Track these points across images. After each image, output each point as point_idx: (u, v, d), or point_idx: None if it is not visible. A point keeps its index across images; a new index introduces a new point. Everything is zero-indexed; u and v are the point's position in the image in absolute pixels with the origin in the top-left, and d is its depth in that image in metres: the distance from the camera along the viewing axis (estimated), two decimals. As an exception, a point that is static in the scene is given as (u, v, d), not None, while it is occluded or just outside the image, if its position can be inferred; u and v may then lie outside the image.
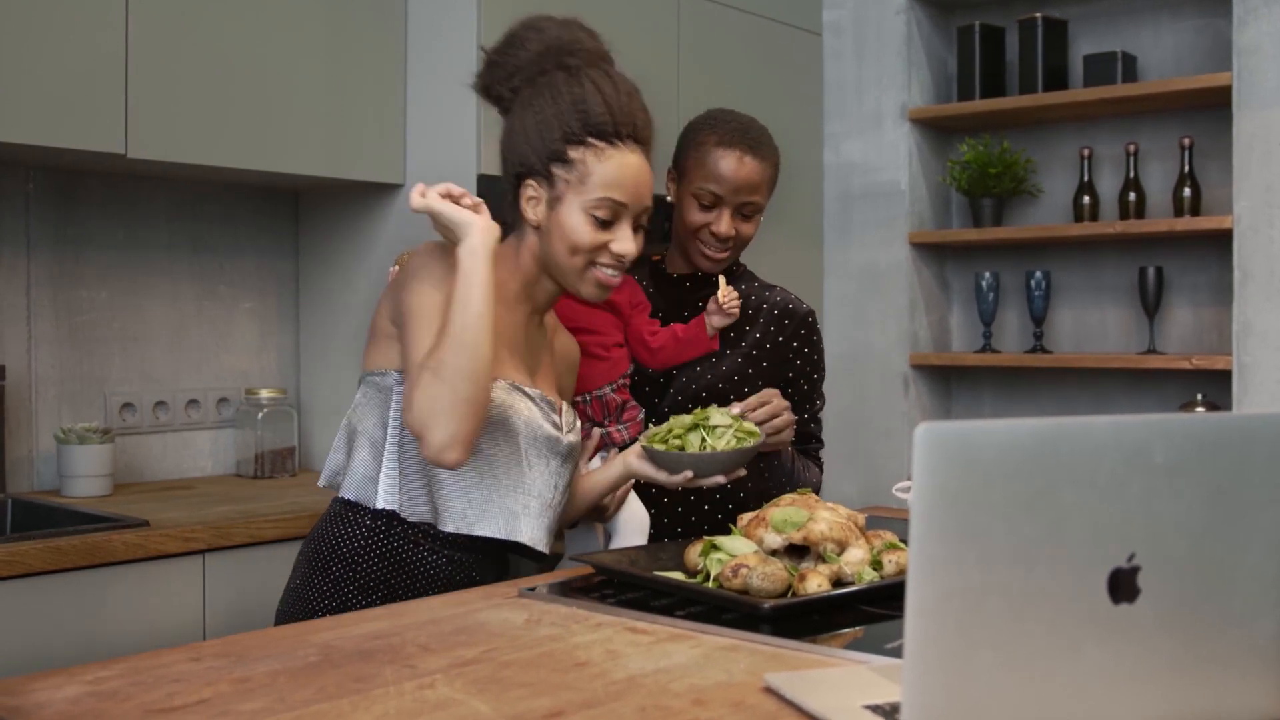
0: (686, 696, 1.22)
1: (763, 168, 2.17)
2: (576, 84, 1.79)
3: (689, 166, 2.19)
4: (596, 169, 1.76)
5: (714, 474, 1.86)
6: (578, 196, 1.76)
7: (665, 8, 3.29)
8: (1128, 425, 1.00)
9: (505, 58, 1.84)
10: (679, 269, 2.28)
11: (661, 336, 2.16)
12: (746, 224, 2.19)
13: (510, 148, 1.82)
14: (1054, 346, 3.77)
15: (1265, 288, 3.16)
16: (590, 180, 1.76)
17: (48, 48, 2.30)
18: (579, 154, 1.76)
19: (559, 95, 1.78)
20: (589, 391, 2.07)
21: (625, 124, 1.79)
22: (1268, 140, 3.15)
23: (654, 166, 1.86)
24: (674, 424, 1.87)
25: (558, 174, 1.77)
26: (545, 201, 1.79)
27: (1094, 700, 1.01)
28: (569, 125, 1.76)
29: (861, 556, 1.64)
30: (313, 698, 1.20)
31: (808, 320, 2.26)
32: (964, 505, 0.94)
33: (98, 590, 2.12)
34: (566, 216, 1.77)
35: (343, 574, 1.76)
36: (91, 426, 2.58)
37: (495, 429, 1.73)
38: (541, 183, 1.79)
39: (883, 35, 3.83)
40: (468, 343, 1.62)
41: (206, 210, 2.97)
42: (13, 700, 1.19)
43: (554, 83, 1.79)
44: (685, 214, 2.19)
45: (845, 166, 3.91)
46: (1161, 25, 3.61)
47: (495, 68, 1.85)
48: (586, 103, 1.77)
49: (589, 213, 1.76)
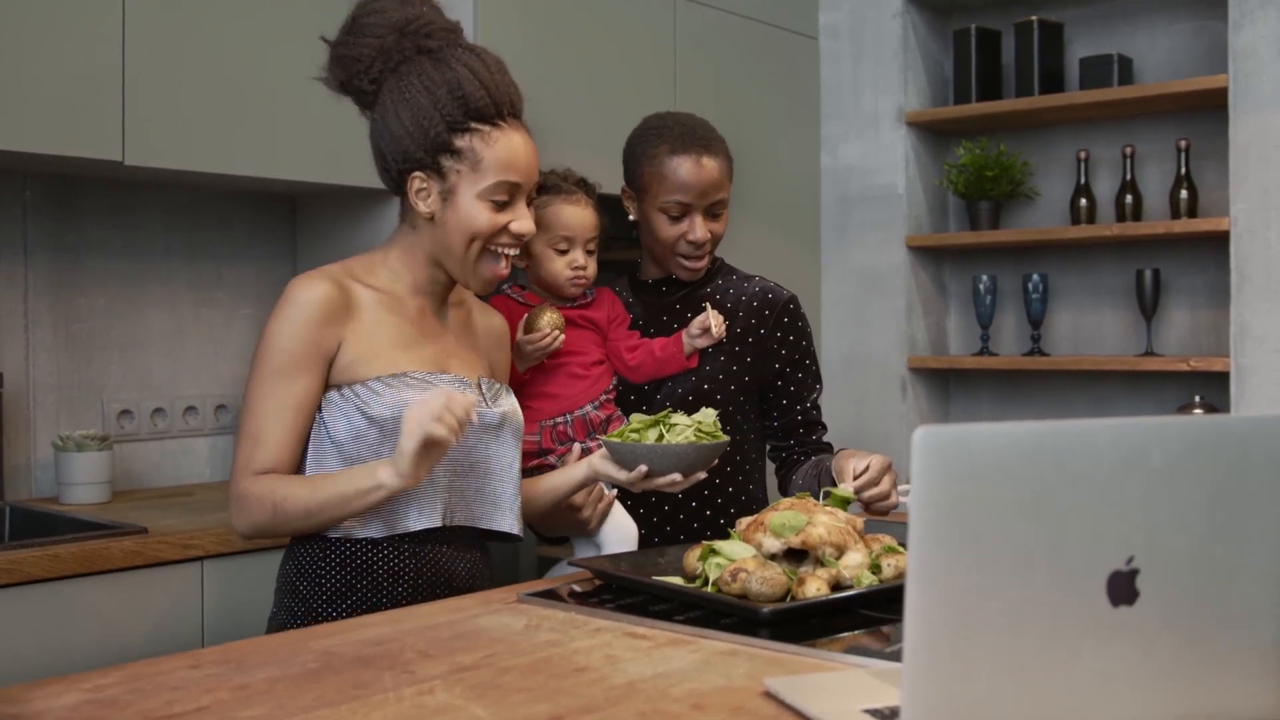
0: (686, 701, 1.22)
1: (720, 163, 2.16)
2: (446, 68, 1.74)
3: (647, 182, 2.15)
4: (487, 154, 1.74)
5: (669, 470, 1.80)
6: (471, 185, 1.75)
7: (662, 13, 3.29)
8: (1126, 428, 1.00)
9: (354, 48, 1.79)
10: (653, 274, 2.27)
11: (639, 354, 2.14)
12: (716, 222, 2.18)
13: (388, 142, 1.78)
14: (1052, 349, 3.77)
15: (1263, 290, 3.16)
16: (483, 166, 1.74)
17: (45, 55, 2.30)
18: (465, 142, 1.74)
19: (431, 82, 1.74)
20: (569, 412, 2.07)
21: (504, 102, 1.76)
22: (1264, 142, 3.15)
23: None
24: (635, 421, 1.84)
25: (447, 165, 1.75)
26: (437, 193, 1.76)
27: (1093, 703, 1.01)
28: (449, 113, 1.73)
29: (860, 560, 1.63)
30: (312, 704, 1.20)
31: (789, 306, 2.24)
32: (963, 509, 0.94)
33: (96, 598, 2.11)
34: (463, 205, 1.75)
35: (310, 591, 1.75)
36: (90, 434, 2.57)
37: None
38: (430, 174, 1.76)
39: (879, 38, 3.83)
40: (317, 524, 1.70)
41: (204, 217, 2.97)
42: (12, 708, 1.19)
43: (422, 69, 1.75)
44: (656, 230, 2.16)
45: (842, 170, 3.91)
46: (1157, 28, 3.61)
47: (348, 61, 1.80)
48: (462, 87, 1.73)
49: (486, 199, 1.75)
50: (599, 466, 1.86)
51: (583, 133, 3.03)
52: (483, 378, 1.86)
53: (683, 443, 1.79)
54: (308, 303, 1.72)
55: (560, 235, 2.07)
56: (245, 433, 1.73)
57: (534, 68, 2.96)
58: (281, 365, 1.71)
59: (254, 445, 1.71)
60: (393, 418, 1.70)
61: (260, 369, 1.73)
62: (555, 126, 2.99)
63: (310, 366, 1.72)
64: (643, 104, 3.27)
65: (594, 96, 3.11)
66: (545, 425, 2.06)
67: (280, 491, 1.68)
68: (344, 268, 1.81)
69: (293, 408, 1.71)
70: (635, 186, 2.20)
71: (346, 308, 1.75)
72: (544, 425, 2.06)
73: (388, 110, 1.77)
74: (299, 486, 1.68)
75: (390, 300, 1.79)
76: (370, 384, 1.72)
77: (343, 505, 1.67)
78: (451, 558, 1.79)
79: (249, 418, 1.73)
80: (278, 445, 1.71)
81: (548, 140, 2.93)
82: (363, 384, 1.72)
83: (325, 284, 1.74)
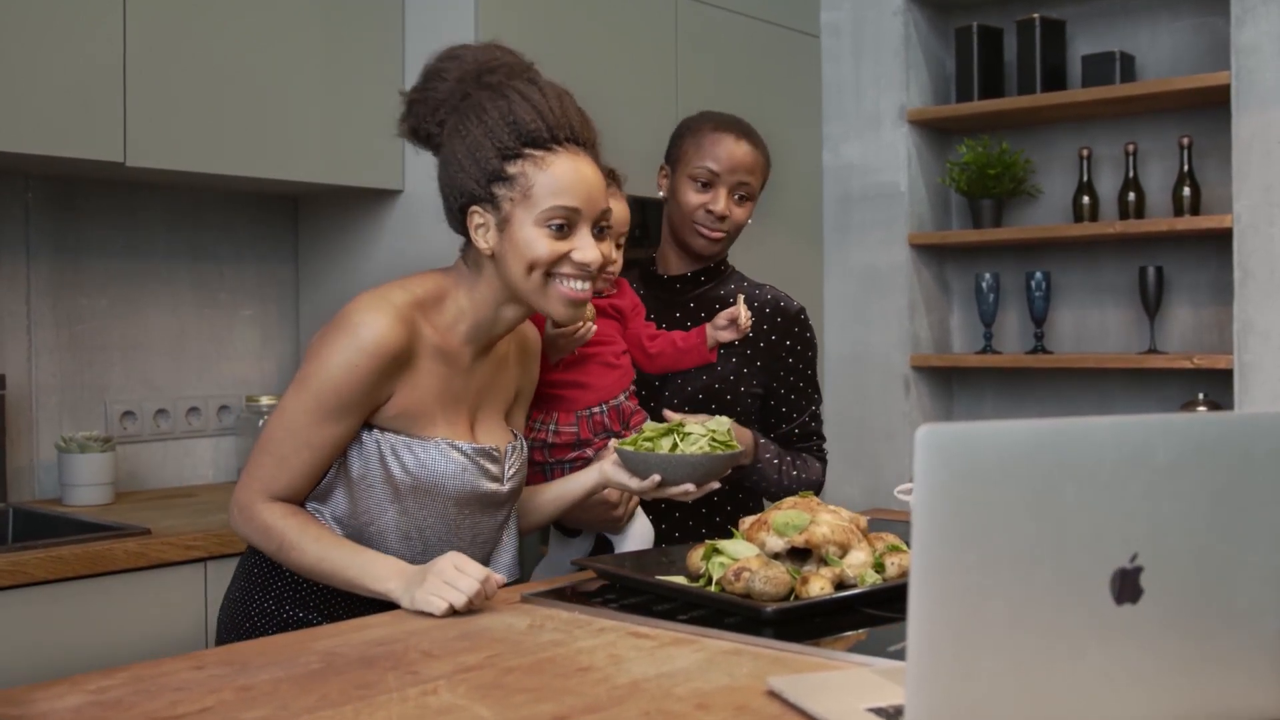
0: (690, 701, 1.22)
1: (756, 154, 2.23)
2: (501, 98, 1.68)
3: (684, 152, 2.23)
4: (539, 178, 1.65)
5: (682, 480, 1.78)
6: (526, 212, 1.65)
7: (663, 12, 3.29)
8: (1129, 425, 1.00)
9: (426, 94, 1.74)
10: (670, 269, 2.29)
11: (660, 343, 2.15)
12: (740, 208, 2.23)
13: (448, 182, 1.72)
14: (1055, 347, 3.76)
15: (1265, 286, 3.16)
16: (535, 192, 1.65)
17: (46, 57, 2.30)
18: (518, 168, 1.65)
19: (485, 114, 1.68)
20: (605, 401, 2.06)
21: (560, 127, 1.68)
22: (1267, 139, 3.15)
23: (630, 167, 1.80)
24: (648, 429, 1.83)
25: (500, 194, 1.66)
26: (494, 226, 1.68)
27: (1097, 701, 1.00)
28: (501, 140, 1.66)
29: (864, 559, 1.63)
30: (316, 705, 1.20)
31: (799, 318, 2.27)
32: (966, 507, 0.94)
33: (100, 599, 2.11)
34: (519, 233, 1.66)
35: (283, 591, 1.73)
36: (92, 435, 2.57)
37: (426, 498, 1.70)
38: (486, 207, 1.67)
39: (881, 36, 3.83)
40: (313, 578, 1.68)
41: (206, 218, 2.97)
42: (16, 710, 1.19)
43: (479, 104, 1.69)
44: (681, 198, 2.21)
45: (844, 168, 3.91)
46: (1160, 25, 3.61)
47: (418, 105, 1.75)
48: (514, 114, 1.66)
49: (542, 225, 1.65)
50: (610, 474, 1.83)
51: (584, 132, 3.03)
52: (510, 444, 1.81)
53: (697, 453, 1.78)
54: (377, 350, 1.62)
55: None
56: (272, 448, 1.67)
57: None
58: (333, 407, 1.64)
59: (278, 467, 1.67)
60: (408, 482, 1.68)
61: (307, 396, 1.65)
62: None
63: (358, 412, 1.66)
64: (643, 104, 3.28)
65: (594, 96, 3.10)
66: (582, 415, 2.05)
67: (290, 537, 1.65)
68: (414, 300, 1.70)
69: (329, 446, 1.67)
70: (672, 159, 2.26)
71: (409, 358, 1.67)
72: (580, 415, 2.05)
73: (447, 150, 1.72)
74: (310, 542, 1.64)
75: (445, 349, 1.72)
76: (402, 439, 1.69)
77: (344, 584, 1.65)
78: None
79: (283, 436, 1.66)
80: (301, 476, 1.67)
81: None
82: (395, 434, 1.69)
83: (399, 328, 1.64)
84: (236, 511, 1.70)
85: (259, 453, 1.69)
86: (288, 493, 1.68)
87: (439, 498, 1.70)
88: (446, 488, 1.70)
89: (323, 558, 1.64)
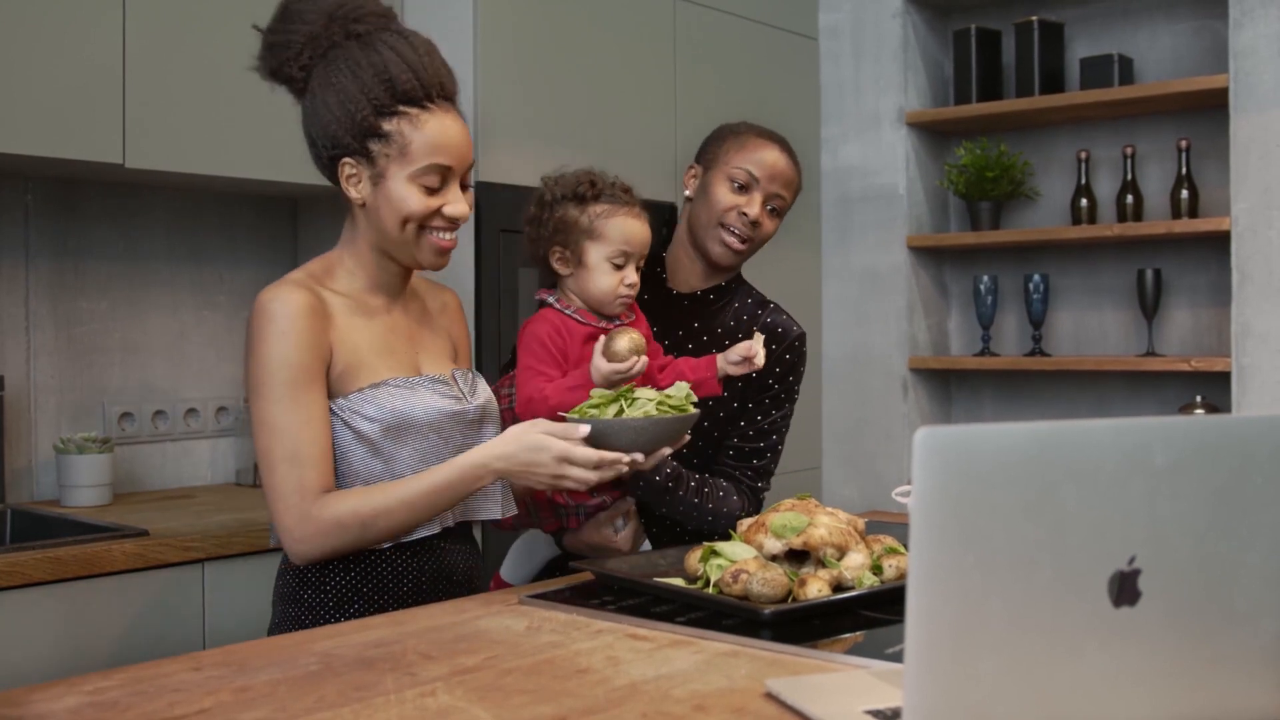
0: (688, 702, 1.22)
1: (795, 172, 2.19)
2: (373, 51, 1.72)
3: (725, 152, 2.15)
4: (415, 137, 1.70)
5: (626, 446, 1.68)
6: (401, 169, 1.71)
7: (662, 14, 3.30)
8: (1127, 427, 1.00)
9: (285, 35, 1.76)
10: (679, 284, 2.21)
11: (669, 374, 2.02)
12: (770, 221, 2.16)
13: (318, 129, 1.75)
14: (1053, 349, 3.77)
15: (1264, 289, 3.16)
16: (411, 150, 1.70)
17: (45, 59, 2.30)
18: (393, 125, 1.70)
19: (357, 67, 1.71)
20: None
21: (433, 84, 1.73)
22: (1265, 141, 3.15)
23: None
24: (595, 395, 1.76)
25: (375, 149, 1.70)
26: (367, 179, 1.72)
27: (1096, 703, 1.00)
28: (376, 97, 1.70)
29: (862, 561, 1.63)
30: (313, 706, 1.20)
31: (794, 344, 2.19)
32: (964, 509, 0.94)
33: (98, 600, 2.11)
34: (393, 189, 1.71)
35: (315, 598, 1.72)
36: (91, 436, 2.57)
37: (400, 435, 1.71)
38: (359, 160, 1.72)
39: (879, 39, 3.84)
40: (420, 519, 1.69)
41: (205, 220, 2.97)
42: (13, 711, 1.19)
43: (349, 54, 1.72)
44: (714, 196, 2.12)
45: (843, 170, 3.91)
46: (1158, 27, 3.61)
47: (278, 48, 1.77)
48: (389, 70, 1.70)
49: (416, 182, 1.71)
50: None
51: (583, 133, 3.03)
52: (455, 370, 1.84)
53: (640, 416, 1.69)
54: (296, 312, 1.67)
55: (620, 250, 1.94)
56: (279, 458, 1.65)
57: (534, 68, 2.96)
58: (294, 379, 1.65)
59: (299, 468, 1.65)
60: (376, 430, 1.69)
61: (268, 390, 1.66)
62: (555, 127, 2.99)
63: (319, 374, 1.68)
64: (643, 104, 3.28)
65: (594, 97, 3.11)
66: None
67: (364, 512, 1.65)
68: (305, 274, 1.76)
69: (320, 419, 1.67)
70: (706, 159, 2.18)
71: (326, 315, 1.71)
72: None
73: (316, 97, 1.74)
74: (382, 498, 1.66)
75: (355, 303, 1.76)
76: (352, 398, 1.70)
77: (450, 504, 1.69)
78: (449, 553, 1.79)
79: (277, 441, 1.65)
80: (324, 459, 1.67)
81: (548, 140, 2.94)
82: (345, 398, 1.70)
83: (302, 292, 1.70)
84: (295, 537, 1.66)
85: (269, 473, 1.66)
86: (322, 481, 1.67)
87: (412, 432, 1.71)
88: (413, 418, 1.71)
89: (408, 501, 1.66)
